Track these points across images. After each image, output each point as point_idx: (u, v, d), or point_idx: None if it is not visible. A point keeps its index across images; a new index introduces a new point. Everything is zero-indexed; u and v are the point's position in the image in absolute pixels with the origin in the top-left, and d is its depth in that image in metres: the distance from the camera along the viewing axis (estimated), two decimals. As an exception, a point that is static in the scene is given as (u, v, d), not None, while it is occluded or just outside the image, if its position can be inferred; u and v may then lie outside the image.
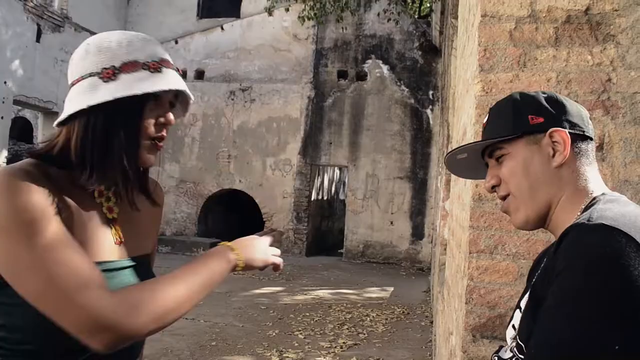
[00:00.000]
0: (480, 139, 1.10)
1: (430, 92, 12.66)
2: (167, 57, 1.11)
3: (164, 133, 1.12)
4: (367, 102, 12.96)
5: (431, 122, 12.57)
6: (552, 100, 1.03)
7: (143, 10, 14.60)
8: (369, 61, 13.06)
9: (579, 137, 1.01)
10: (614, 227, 0.82)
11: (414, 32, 12.89)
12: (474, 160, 1.12)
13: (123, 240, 1.11)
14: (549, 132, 0.99)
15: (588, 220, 0.86)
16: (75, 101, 1.04)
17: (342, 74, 13.17)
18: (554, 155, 0.99)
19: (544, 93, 1.04)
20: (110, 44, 1.06)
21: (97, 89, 1.02)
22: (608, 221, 0.84)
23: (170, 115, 1.11)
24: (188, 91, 1.13)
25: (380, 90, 12.92)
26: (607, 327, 0.76)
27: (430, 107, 12.62)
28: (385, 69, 12.96)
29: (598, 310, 0.77)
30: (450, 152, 1.14)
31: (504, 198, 1.06)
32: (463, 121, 2.38)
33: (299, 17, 11.02)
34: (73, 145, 1.03)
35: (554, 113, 1.01)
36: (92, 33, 13.57)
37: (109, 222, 1.10)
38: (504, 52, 1.75)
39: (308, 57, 13.30)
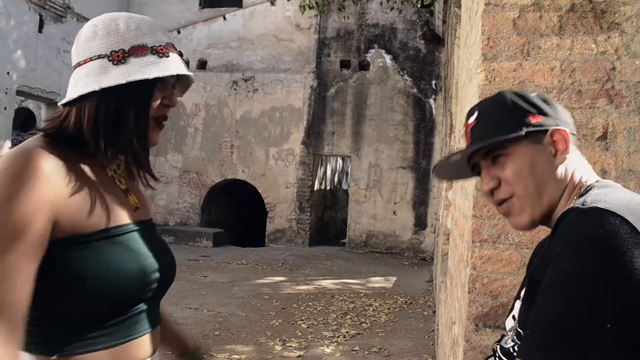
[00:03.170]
0: (467, 140, 1.07)
1: (433, 82, 12.61)
2: (172, 42, 1.15)
3: (166, 113, 1.16)
4: (370, 92, 12.92)
5: (434, 111, 12.53)
6: (544, 99, 1.03)
7: (145, 0, 14.55)
8: (372, 51, 13.01)
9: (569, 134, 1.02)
10: (607, 209, 0.84)
11: (417, 21, 12.82)
12: (459, 163, 1.10)
13: (139, 206, 1.20)
14: (550, 130, 1.00)
15: (582, 204, 0.88)
16: (84, 82, 1.07)
17: (344, 64, 13.13)
18: (555, 154, 1.00)
19: (532, 92, 1.04)
20: (118, 27, 1.09)
21: (108, 72, 1.06)
22: (602, 204, 0.85)
23: (175, 97, 1.17)
24: (192, 76, 1.19)
25: (383, 80, 12.88)
26: (600, 306, 0.77)
27: (433, 96, 12.59)
28: (388, 58, 12.91)
29: (591, 290, 0.78)
30: (440, 162, 1.12)
31: (502, 201, 1.03)
32: (466, 110, 2.37)
33: (300, 5, 10.97)
34: (85, 126, 1.07)
35: (549, 112, 1.01)
36: (94, 23, 13.57)
37: (123, 191, 1.17)
38: (507, 40, 1.74)
39: (311, 46, 13.26)
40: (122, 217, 1.11)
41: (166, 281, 1.19)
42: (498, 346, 1.06)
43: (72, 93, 1.09)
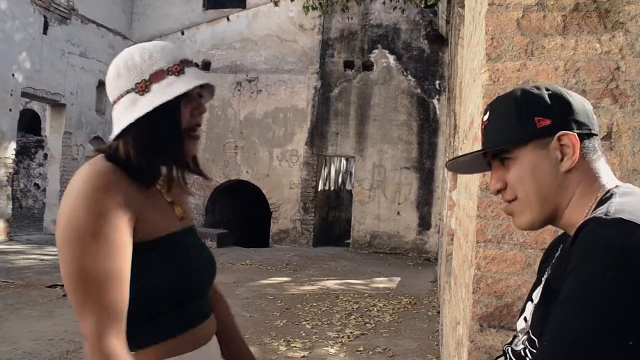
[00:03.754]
0: (482, 138, 1.06)
1: (437, 82, 12.60)
2: (185, 55, 1.27)
3: (198, 120, 1.29)
4: (373, 92, 12.92)
5: (438, 112, 12.52)
6: (558, 98, 0.97)
7: (149, 2, 14.59)
8: (376, 51, 13.00)
9: (585, 135, 0.97)
10: (631, 221, 0.81)
11: (421, 21, 12.82)
12: (475, 159, 1.09)
13: (184, 216, 1.35)
14: (557, 135, 0.95)
15: (605, 215, 0.84)
16: (123, 118, 1.21)
17: (348, 64, 13.13)
18: (562, 160, 0.96)
19: (547, 89, 0.99)
20: (134, 61, 1.23)
21: (137, 103, 1.20)
22: (626, 215, 0.82)
23: (203, 106, 1.29)
24: (209, 82, 1.30)
25: (387, 80, 12.88)
26: (621, 322, 0.75)
27: (437, 96, 12.57)
28: (391, 58, 12.91)
29: (613, 305, 0.76)
30: (453, 158, 1.11)
31: (509, 201, 1.02)
32: (470, 111, 2.37)
33: (303, 6, 10.98)
34: (132, 154, 1.21)
35: (561, 113, 0.96)
36: (99, 25, 13.65)
37: (169, 204, 1.33)
38: (511, 40, 1.74)
39: (314, 47, 13.27)
40: (173, 226, 1.29)
41: (211, 278, 1.38)
42: (509, 348, 1.05)
43: (116, 129, 1.23)
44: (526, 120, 0.97)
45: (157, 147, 1.22)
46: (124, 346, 1.09)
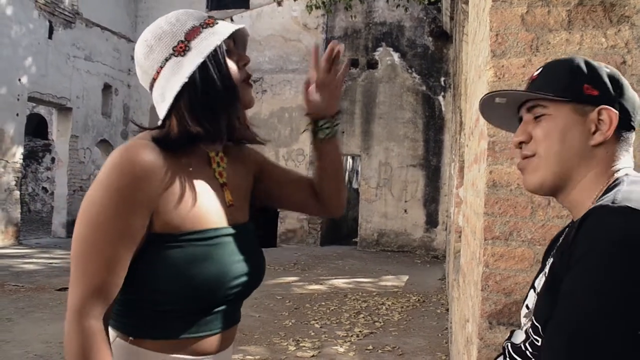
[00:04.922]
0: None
1: (442, 79, 12.57)
2: (208, 15, 1.20)
3: (248, 72, 1.21)
4: (378, 90, 12.91)
5: (443, 108, 12.49)
6: (614, 79, 0.97)
7: (152, 4, 14.63)
8: (380, 49, 12.99)
9: (625, 124, 0.96)
10: (638, 209, 0.80)
11: (424, 18, 12.79)
12: (510, 110, 1.07)
13: (234, 203, 1.22)
14: (599, 108, 0.95)
15: (612, 202, 0.83)
16: (169, 87, 1.12)
17: (353, 63, 13.12)
18: (594, 133, 0.95)
19: (607, 67, 0.99)
20: (163, 28, 1.14)
21: (182, 65, 1.11)
22: (633, 203, 0.81)
23: (246, 56, 1.21)
24: (245, 28, 1.22)
25: (392, 78, 12.86)
26: (628, 312, 0.74)
27: (442, 93, 12.55)
28: (396, 56, 12.89)
29: (619, 295, 0.75)
30: (492, 92, 1.07)
31: (526, 157, 1.01)
32: (476, 107, 2.36)
33: (307, 6, 10.98)
34: (188, 120, 1.12)
35: (611, 91, 0.96)
36: (103, 28, 13.72)
37: (221, 186, 1.21)
38: (516, 36, 1.73)
39: (318, 46, 13.26)
40: (214, 220, 1.16)
41: (249, 285, 1.24)
42: (508, 344, 1.04)
43: (165, 105, 1.13)
44: (576, 83, 0.96)
45: (213, 102, 1.13)
46: (102, 327, 1.07)
